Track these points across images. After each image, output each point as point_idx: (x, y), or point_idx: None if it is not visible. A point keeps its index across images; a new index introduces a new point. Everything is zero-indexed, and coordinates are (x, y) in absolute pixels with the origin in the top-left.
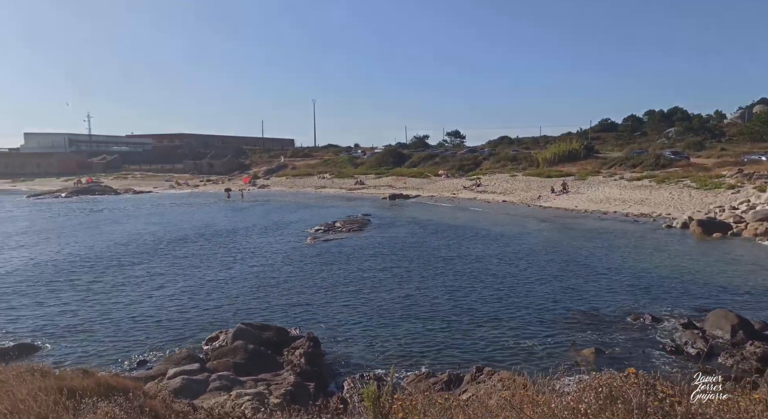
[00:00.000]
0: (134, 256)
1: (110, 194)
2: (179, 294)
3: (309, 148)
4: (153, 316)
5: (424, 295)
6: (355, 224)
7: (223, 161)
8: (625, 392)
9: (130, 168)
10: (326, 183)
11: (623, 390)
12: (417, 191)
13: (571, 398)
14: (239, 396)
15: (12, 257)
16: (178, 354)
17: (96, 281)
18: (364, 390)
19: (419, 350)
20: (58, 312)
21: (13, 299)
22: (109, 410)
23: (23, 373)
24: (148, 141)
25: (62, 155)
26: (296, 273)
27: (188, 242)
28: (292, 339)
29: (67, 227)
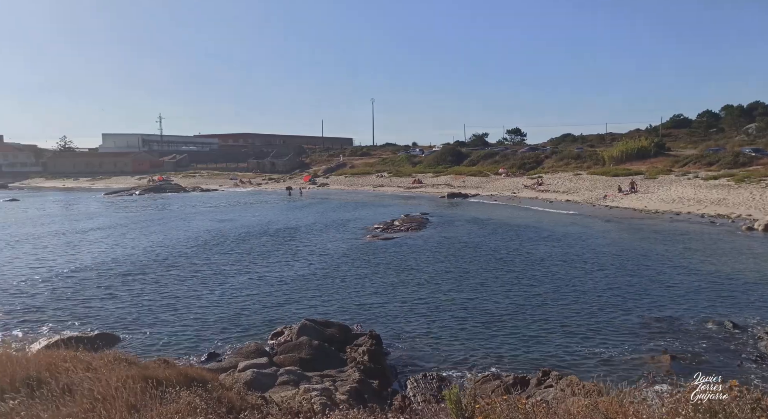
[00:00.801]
0: (202, 251)
1: (179, 191)
2: (244, 289)
3: (367, 147)
4: (220, 310)
5: (485, 296)
6: (413, 223)
7: (285, 160)
8: (728, 406)
9: (197, 167)
10: (384, 182)
11: (726, 404)
12: (476, 190)
13: (667, 411)
14: (307, 391)
15: (91, 252)
16: (246, 347)
17: (167, 275)
18: (446, 393)
19: (480, 351)
20: (133, 304)
21: (93, 291)
22: (191, 400)
23: (112, 362)
24: (215, 141)
25: (136, 154)
26: (356, 271)
27: (252, 238)
28: (354, 336)
29: (140, 223)
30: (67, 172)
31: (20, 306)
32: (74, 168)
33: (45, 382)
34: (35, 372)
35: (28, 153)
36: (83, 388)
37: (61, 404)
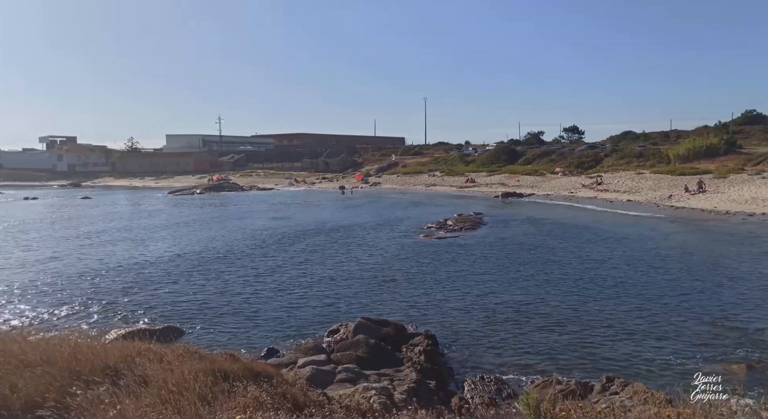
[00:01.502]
0: (259, 249)
1: (237, 190)
2: (299, 286)
3: (419, 146)
4: (277, 306)
5: (541, 299)
6: (467, 223)
7: (338, 160)
8: None
9: (254, 166)
10: (436, 181)
11: None
12: (531, 189)
13: None
14: (366, 390)
15: (156, 248)
16: (305, 344)
17: (227, 272)
18: (523, 398)
19: (537, 355)
20: (196, 299)
21: (157, 285)
22: (258, 394)
23: (183, 354)
24: (270, 141)
25: (197, 154)
26: (409, 270)
27: (307, 236)
28: (409, 335)
29: (201, 221)
30: (133, 171)
31: (91, 299)
32: (140, 168)
33: (122, 372)
34: (113, 363)
35: (99, 154)
36: (158, 379)
37: (139, 394)
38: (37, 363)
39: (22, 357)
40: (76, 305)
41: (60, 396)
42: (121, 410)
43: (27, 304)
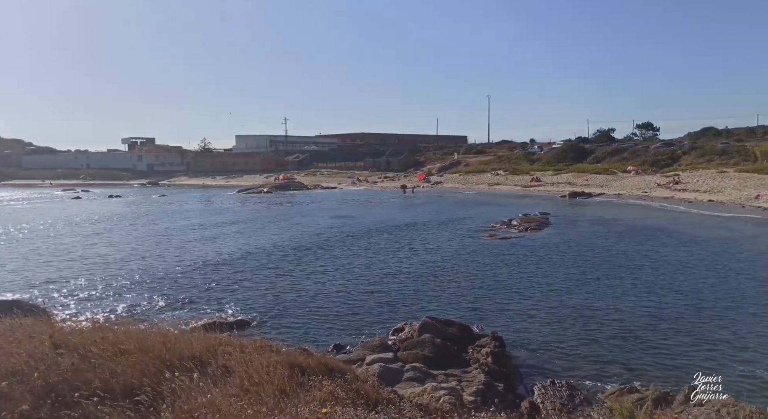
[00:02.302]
0: (324, 246)
1: (302, 189)
2: (363, 284)
3: (482, 144)
4: (341, 303)
5: (612, 304)
6: (533, 223)
7: (400, 159)
8: None
9: (318, 166)
10: (500, 180)
11: None
12: (601, 189)
13: None
14: (435, 390)
15: (227, 244)
16: (372, 341)
17: (294, 269)
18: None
19: (609, 361)
20: (264, 294)
21: (229, 280)
22: (333, 389)
23: (260, 347)
24: (334, 141)
25: (264, 154)
26: (472, 270)
27: (371, 234)
28: (475, 336)
29: (268, 219)
30: (206, 171)
31: (170, 293)
32: (212, 167)
33: (208, 362)
34: (198, 352)
35: (175, 154)
36: (240, 370)
37: (223, 383)
38: (132, 351)
39: (119, 345)
40: (158, 298)
41: (154, 381)
42: (211, 398)
43: (115, 297)
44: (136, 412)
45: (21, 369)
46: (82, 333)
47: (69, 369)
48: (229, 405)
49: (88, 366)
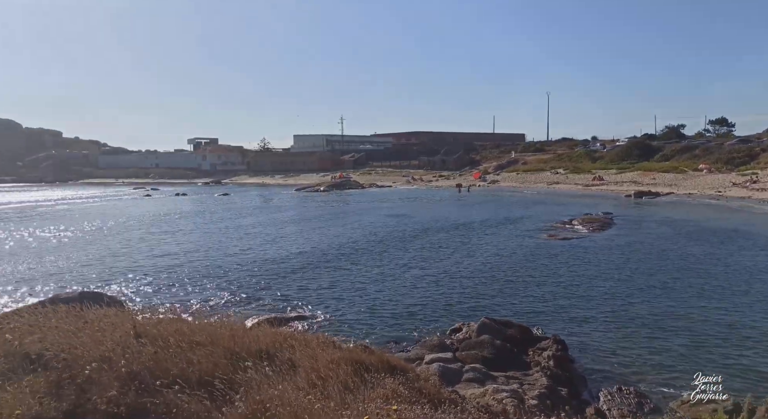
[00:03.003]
0: (380, 245)
1: (357, 188)
2: (419, 283)
3: (541, 142)
4: (398, 301)
5: (682, 310)
6: (595, 223)
7: (455, 158)
8: None
9: (373, 165)
10: (559, 179)
11: None
12: (669, 188)
13: None
14: (496, 392)
15: (286, 242)
16: (430, 340)
17: (351, 267)
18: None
19: (680, 370)
20: (322, 291)
21: (287, 277)
22: (395, 387)
23: (323, 343)
24: (389, 140)
25: (321, 153)
26: (531, 271)
27: (427, 234)
28: (535, 339)
29: (325, 217)
30: (265, 170)
31: (232, 287)
32: (271, 166)
33: (273, 355)
34: (265, 346)
35: (236, 153)
36: (305, 365)
37: (289, 377)
38: (205, 343)
39: (192, 337)
40: (222, 292)
41: (226, 373)
42: (281, 390)
43: (184, 290)
44: (212, 401)
45: (108, 356)
46: (159, 325)
47: (150, 358)
48: (297, 399)
49: (166, 356)
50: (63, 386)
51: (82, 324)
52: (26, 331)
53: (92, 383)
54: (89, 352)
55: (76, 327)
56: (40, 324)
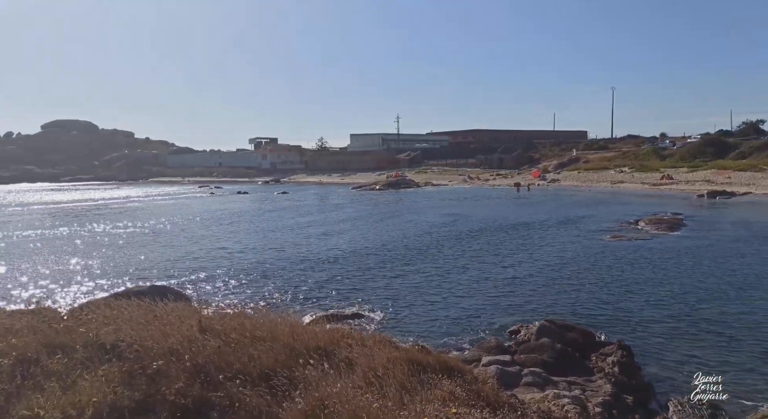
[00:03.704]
0: (437, 244)
1: (413, 187)
2: (477, 283)
3: (604, 139)
4: (454, 301)
5: (760, 318)
6: (663, 224)
7: (513, 156)
8: None
9: (429, 163)
10: (624, 178)
11: None
12: (746, 188)
13: None
14: (557, 397)
15: (342, 240)
16: (487, 342)
17: (404, 266)
18: None
19: (758, 381)
20: (377, 289)
21: (344, 275)
22: (452, 389)
23: (379, 342)
24: (445, 138)
25: (377, 152)
26: (594, 273)
27: (484, 233)
28: (598, 344)
29: (380, 216)
30: (322, 169)
31: (290, 284)
32: (328, 165)
33: (331, 353)
34: (323, 344)
35: (295, 153)
36: (363, 363)
37: (347, 375)
38: (265, 339)
39: (253, 332)
40: (281, 289)
41: (286, 368)
42: (340, 388)
43: (244, 286)
44: (272, 395)
45: (176, 349)
46: (222, 319)
47: (214, 352)
48: (355, 397)
49: (229, 350)
50: (135, 376)
51: (152, 317)
52: (102, 322)
53: (161, 374)
54: (158, 345)
55: (146, 320)
56: (115, 316)
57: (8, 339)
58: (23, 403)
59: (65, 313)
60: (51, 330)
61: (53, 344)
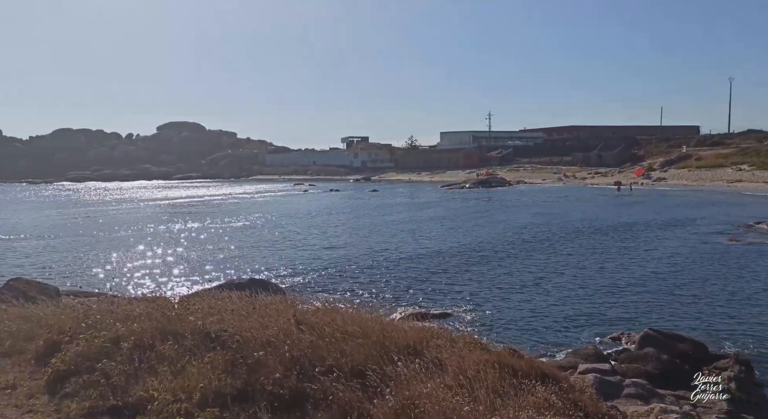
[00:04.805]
0: (529, 245)
1: (504, 185)
2: (572, 286)
3: (720, 135)
4: (547, 304)
5: None
6: None
7: (613, 153)
8: None
9: (521, 161)
10: (743, 176)
11: None
12: None
13: None
14: (663, 412)
15: (431, 239)
16: (584, 349)
17: (493, 266)
18: None
19: None
20: (465, 289)
21: (431, 274)
22: (547, 396)
23: (469, 343)
24: (539, 135)
25: (467, 150)
26: (707, 279)
27: (581, 235)
28: (711, 357)
29: (469, 215)
30: (412, 167)
31: (378, 280)
32: (417, 163)
33: (421, 352)
34: (412, 342)
35: (385, 151)
36: (453, 365)
37: (437, 376)
38: (356, 335)
39: (345, 327)
40: (369, 285)
41: (377, 365)
42: (431, 388)
43: (334, 281)
44: (363, 392)
45: (273, 341)
46: (316, 314)
47: (308, 346)
48: (446, 398)
49: (322, 344)
50: (236, 365)
51: (252, 309)
52: (207, 312)
53: (260, 365)
54: (257, 336)
55: (246, 312)
56: (219, 307)
57: (128, 324)
58: (140, 385)
59: (176, 302)
60: (164, 318)
61: (166, 330)
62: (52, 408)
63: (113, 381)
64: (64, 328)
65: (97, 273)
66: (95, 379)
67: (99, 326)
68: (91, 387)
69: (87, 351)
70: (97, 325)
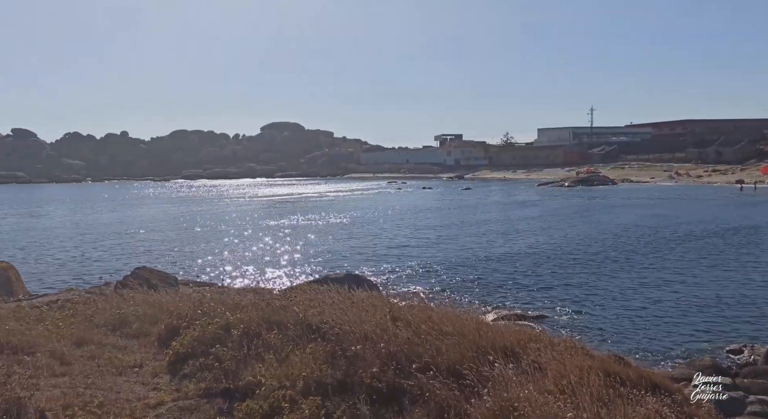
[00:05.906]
0: (632, 247)
1: (607, 184)
2: (683, 291)
3: None
4: (655, 310)
5: None
6: None
7: (735, 149)
8: None
9: (626, 158)
10: None
11: None
12: None
13: None
14: None
15: (525, 238)
16: (699, 360)
17: (596, 269)
18: None
19: None
20: (562, 291)
21: (527, 274)
22: (659, 408)
23: (570, 348)
24: (647, 130)
25: (567, 147)
26: None
27: (695, 237)
28: None
29: (567, 214)
30: (507, 165)
31: (471, 279)
32: (513, 161)
33: (519, 355)
34: (509, 344)
35: (479, 149)
36: (553, 369)
37: (536, 380)
38: (452, 333)
39: (440, 326)
40: (462, 284)
41: (473, 365)
42: (529, 392)
43: (426, 278)
44: (460, 391)
45: (370, 335)
46: (411, 311)
47: (405, 342)
48: (547, 404)
49: (418, 341)
50: (336, 357)
51: (350, 303)
52: (308, 305)
53: (358, 358)
54: (355, 329)
55: (345, 306)
56: (319, 300)
57: (236, 313)
58: (249, 370)
59: (279, 294)
60: (269, 308)
61: (270, 320)
62: (173, 387)
63: (225, 365)
64: (182, 314)
65: (208, 263)
66: (209, 363)
67: (212, 314)
68: (206, 370)
69: (202, 336)
70: (210, 313)
